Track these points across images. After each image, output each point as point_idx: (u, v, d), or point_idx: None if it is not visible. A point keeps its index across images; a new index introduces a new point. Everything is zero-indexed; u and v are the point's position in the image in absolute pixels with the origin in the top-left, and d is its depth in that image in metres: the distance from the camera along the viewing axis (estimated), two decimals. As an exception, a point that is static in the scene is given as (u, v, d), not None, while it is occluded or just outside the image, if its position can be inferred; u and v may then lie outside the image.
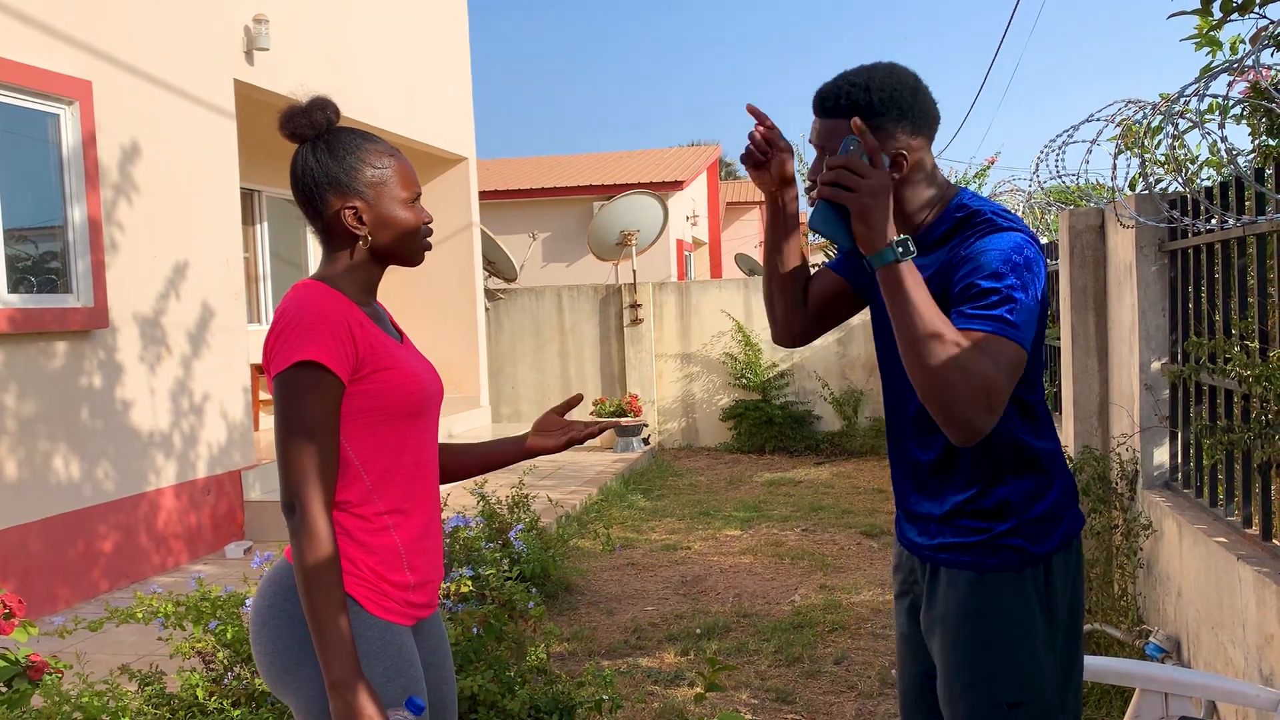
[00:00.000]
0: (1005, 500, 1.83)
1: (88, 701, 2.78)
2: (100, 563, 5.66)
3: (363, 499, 1.77)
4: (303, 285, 1.77)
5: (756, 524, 7.24)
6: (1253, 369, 2.93)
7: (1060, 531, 1.85)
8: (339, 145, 1.80)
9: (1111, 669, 2.36)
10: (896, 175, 1.80)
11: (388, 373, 1.77)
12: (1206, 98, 3.22)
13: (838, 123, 1.80)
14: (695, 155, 20.47)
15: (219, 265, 6.78)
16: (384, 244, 1.81)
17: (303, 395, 1.67)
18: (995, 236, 1.73)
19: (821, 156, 1.85)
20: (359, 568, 1.76)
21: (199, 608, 3.14)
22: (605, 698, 3.30)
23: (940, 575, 1.89)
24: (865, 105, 1.78)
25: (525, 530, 5.26)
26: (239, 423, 6.91)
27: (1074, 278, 4.65)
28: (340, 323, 1.71)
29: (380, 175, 1.80)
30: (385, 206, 1.80)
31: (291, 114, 1.81)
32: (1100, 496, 4.25)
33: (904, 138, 1.80)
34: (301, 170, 1.80)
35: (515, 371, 11.44)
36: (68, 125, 5.63)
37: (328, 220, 1.80)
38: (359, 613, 1.74)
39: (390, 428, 1.79)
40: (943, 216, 1.84)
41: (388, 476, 1.79)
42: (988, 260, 1.69)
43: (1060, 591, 1.84)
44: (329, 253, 1.84)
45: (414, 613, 1.83)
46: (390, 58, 9.13)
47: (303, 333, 1.68)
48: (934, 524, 1.91)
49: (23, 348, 5.28)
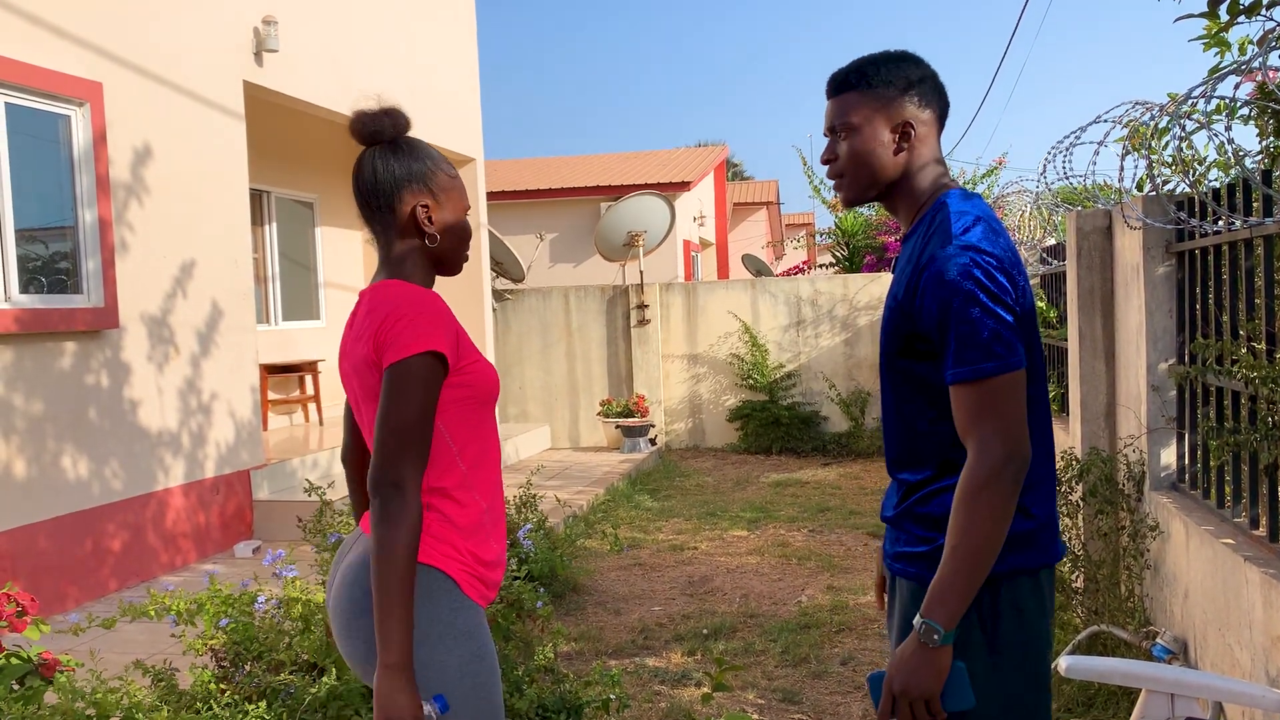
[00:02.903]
0: (948, 507, 1.77)
1: (101, 698, 2.80)
2: (109, 562, 5.69)
3: (459, 484, 1.85)
4: (393, 283, 1.83)
5: (763, 524, 7.25)
6: (1259, 371, 2.94)
7: (1014, 558, 1.75)
8: (416, 148, 1.91)
9: (1117, 670, 2.37)
10: (906, 145, 1.84)
11: (476, 364, 1.86)
12: (1214, 99, 3.22)
13: (847, 96, 1.86)
14: (703, 156, 20.48)
15: (228, 265, 6.80)
16: (443, 247, 1.91)
17: (420, 384, 1.74)
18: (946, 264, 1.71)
19: (833, 139, 1.88)
20: (459, 551, 1.84)
21: (209, 606, 3.16)
22: (612, 697, 3.32)
23: (897, 584, 1.90)
24: (874, 76, 1.84)
25: (533, 530, 5.28)
26: (247, 422, 6.94)
27: (1081, 279, 4.65)
28: (450, 316, 1.81)
29: (451, 182, 1.91)
30: (451, 211, 1.91)
31: (371, 115, 1.90)
32: (1107, 498, 4.25)
33: (912, 109, 1.85)
34: (381, 167, 1.88)
35: (522, 372, 11.46)
36: (78, 126, 5.66)
37: (400, 216, 1.87)
38: (456, 593, 1.83)
39: (480, 415, 1.88)
40: (927, 213, 1.85)
41: (478, 461, 1.88)
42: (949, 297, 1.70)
43: (1006, 619, 1.76)
44: (391, 254, 1.90)
45: (491, 595, 1.92)
46: (399, 59, 9.16)
47: (425, 324, 1.76)
48: (893, 529, 1.91)
49: (33, 347, 5.32)
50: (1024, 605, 1.78)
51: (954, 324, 1.70)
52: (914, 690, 1.67)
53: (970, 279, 1.69)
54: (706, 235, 21.30)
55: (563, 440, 11.36)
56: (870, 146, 1.84)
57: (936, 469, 1.82)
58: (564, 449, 11.18)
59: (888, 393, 1.90)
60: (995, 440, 1.66)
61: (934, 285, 1.72)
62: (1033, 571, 1.79)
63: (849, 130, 1.85)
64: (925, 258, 1.76)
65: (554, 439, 11.34)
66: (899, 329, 1.81)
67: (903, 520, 1.87)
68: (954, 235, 1.74)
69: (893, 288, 1.87)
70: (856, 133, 1.85)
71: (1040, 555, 1.80)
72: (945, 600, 1.65)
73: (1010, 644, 1.77)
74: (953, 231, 1.74)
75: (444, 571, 1.81)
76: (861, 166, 1.86)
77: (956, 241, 1.73)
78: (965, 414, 1.70)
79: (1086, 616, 4.19)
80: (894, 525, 1.90)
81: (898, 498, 1.91)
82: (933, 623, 1.66)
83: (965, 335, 1.69)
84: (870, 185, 1.88)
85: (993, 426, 1.67)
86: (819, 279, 10.97)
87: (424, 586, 1.80)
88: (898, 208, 1.92)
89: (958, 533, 1.66)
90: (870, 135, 1.84)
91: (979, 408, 1.68)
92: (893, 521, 1.91)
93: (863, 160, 1.85)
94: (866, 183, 1.88)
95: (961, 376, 1.70)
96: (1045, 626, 1.82)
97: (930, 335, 1.75)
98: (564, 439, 11.36)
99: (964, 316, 1.69)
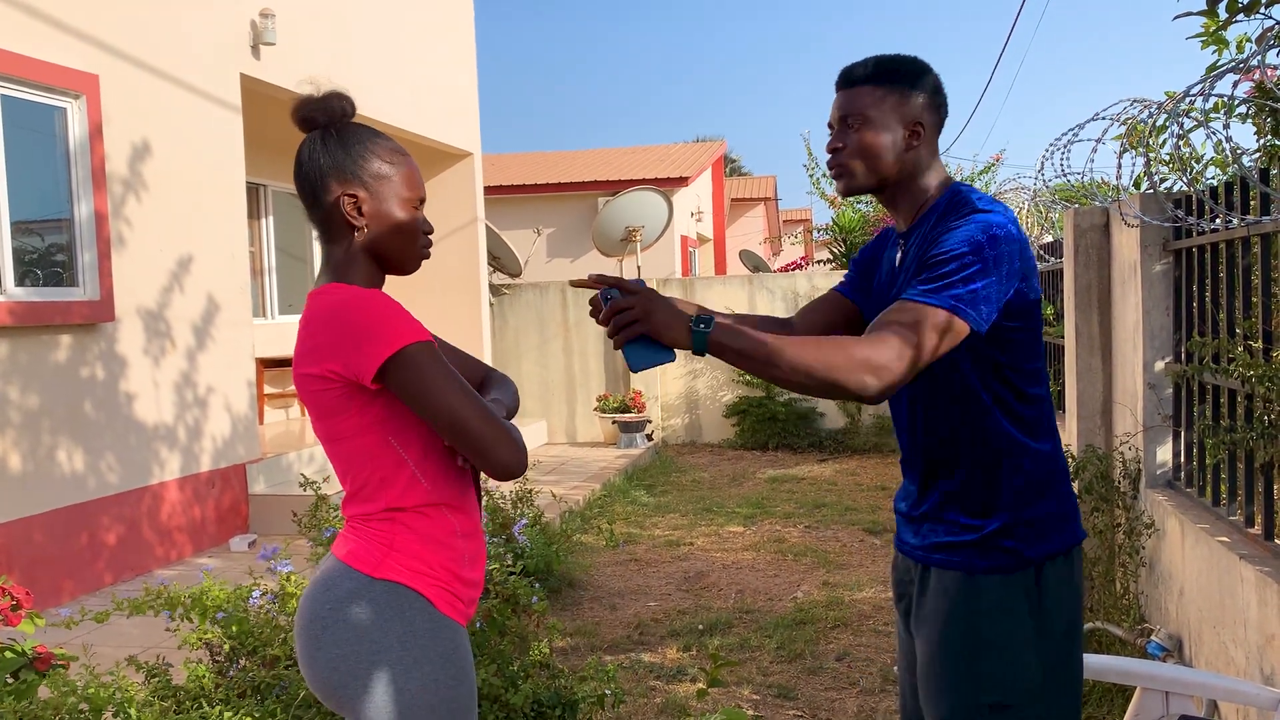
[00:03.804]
0: (994, 496, 1.83)
1: (94, 692, 2.80)
2: (104, 555, 5.68)
3: (424, 499, 1.75)
4: (333, 288, 1.73)
5: (759, 520, 7.25)
6: (1256, 369, 2.94)
7: (1056, 537, 1.84)
8: (349, 135, 1.78)
9: (1113, 667, 2.37)
10: (914, 144, 1.88)
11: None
12: (1212, 97, 3.22)
13: (864, 89, 1.88)
14: (700, 151, 20.45)
15: (224, 259, 6.79)
16: (380, 240, 1.78)
17: (429, 364, 1.65)
18: (970, 218, 1.77)
19: (844, 127, 1.90)
20: (431, 567, 1.74)
21: (203, 601, 3.16)
22: (608, 692, 3.31)
23: (931, 575, 1.90)
24: (892, 74, 1.88)
25: (529, 525, 5.28)
26: (243, 416, 6.93)
27: (1078, 276, 4.65)
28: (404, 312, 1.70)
29: (385, 170, 1.77)
30: (386, 201, 1.77)
31: (307, 101, 1.79)
32: (1103, 495, 4.26)
33: (923, 111, 1.88)
34: (307, 156, 1.78)
35: (519, 367, 11.46)
36: (75, 119, 5.65)
37: (326, 208, 1.77)
38: (432, 613, 1.73)
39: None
40: (939, 201, 1.90)
41: (442, 474, 1.77)
42: (950, 238, 1.75)
43: (1054, 600, 1.82)
44: (328, 249, 1.81)
45: (470, 611, 1.84)
46: (396, 53, 9.14)
47: (388, 329, 1.65)
48: (926, 522, 1.92)
49: (28, 341, 5.30)
50: (1069, 584, 1.85)
51: (947, 255, 1.72)
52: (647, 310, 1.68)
53: (985, 232, 1.73)
54: (704, 231, 21.27)
55: (559, 435, 11.36)
56: (883, 139, 1.87)
57: (971, 463, 1.85)
58: (561, 444, 11.18)
59: (905, 390, 1.91)
60: (899, 363, 1.66)
61: (948, 230, 1.77)
62: (1070, 549, 1.87)
63: (863, 121, 1.88)
64: (947, 222, 1.80)
65: (551, 434, 11.33)
66: None
67: (941, 510, 1.89)
68: (976, 207, 1.80)
69: (903, 281, 1.89)
70: (870, 125, 1.87)
71: (1074, 533, 1.88)
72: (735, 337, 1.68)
73: (1059, 623, 1.83)
74: (975, 204, 1.81)
75: (417, 590, 1.72)
76: (871, 158, 1.88)
77: (979, 212, 1.78)
78: (898, 323, 1.69)
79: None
80: (927, 520, 1.91)
81: (931, 493, 1.92)
82: (715, 324, 1.69)
83: (950, 271, 1.71)
84: (874, 176, 1.90)
85: (911, 353, 1.67)
86: (816, 275, 10.97)
87: (396, 606, 1.71)
88: (899, 204, 1.94)
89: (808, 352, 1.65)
90: (884, 129, 1.87)
91: (912, 327, 1.68)
92: (926, 516, 1.91)
93: (874, 152, 1.88)
94: (872, 174, 1.90)
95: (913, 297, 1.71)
96: (1081, 598, 1.90)
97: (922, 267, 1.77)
98: (561, 434, 11.36)
99: (958, 255, 1.71)
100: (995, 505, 1.83)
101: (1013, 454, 1.84)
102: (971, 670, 1.81)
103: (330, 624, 1.71)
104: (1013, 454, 1.84)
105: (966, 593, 1.83)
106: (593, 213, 15.23)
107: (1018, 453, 1.84)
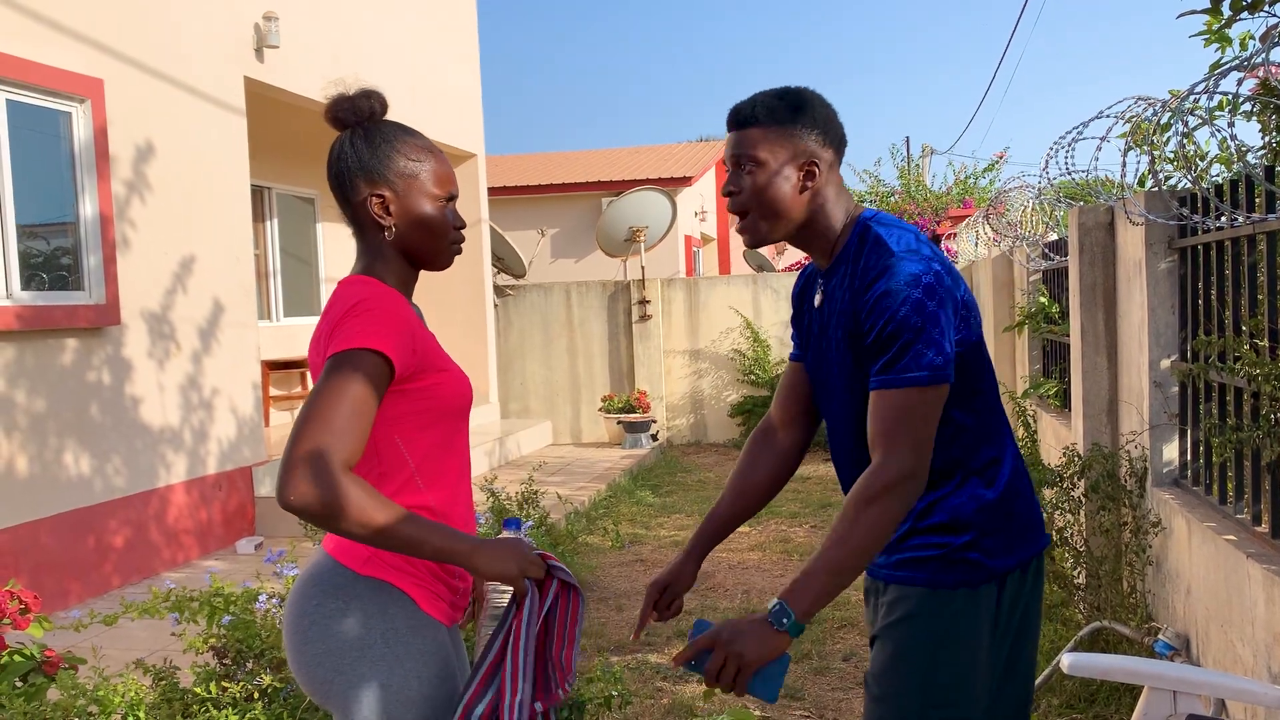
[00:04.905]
0: (958, 513, 1.82)
1: (103, 695, 2.81)
2: (111, 558, 5.70)
3: (416, 500, 1.75)
4: (358, 280, 1.75)
5: (765, 520, 7.25)
6: (1262, 367, 2.93)
7: (1022, 546, 1.85)
8: (377, 134, 1.79)
9: (1119, 667, 2.37)
10: (810, 185, 1.82)
11: (442, 374, 1.77)
12: (1216, 95, 3.21)
13: (750, 131, 1.82)
14: (704, 151, 20.45)
15: (229, 262, 6.80)
16: (409, 239, 1.79)
17: (356, 374, 1.61)
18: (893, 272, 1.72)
19: (737, 169, 1.85)
20: (415, 565, 1.75)
21: (212, 603, 3.16)
22: (614, 694, 3.31)
23: (892, 589, 1.89)
24: (779, 112, 1.81)
25: (535, 526, 5.28)
26: (249, 418, 6.94)
27: (1083, 275, 4.64)
28: (407, 322, 1.70)
29: (413, 168, 1.78)
30: (414, 200, 1.78)
31: (338, 101, 1.80)
32: (1109, 494, 4.25)
33: (816, 147, 1.82)
34: (337, 156, 1.79)
35: (524, 367, 11.46)
36: (79, 123, 5.66)
37: (355, 208, 1.79)
38: (415, 611, 1.74)
39: (440, 428, 1.78)
40: (850, 240, 1.85)
41: (440, 476, 1.79)
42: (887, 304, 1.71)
43: (1010, 610, 1.83)
44: (362, 246, 1.83)
45: (455, 614, 1.84)
46: (399, 54, 9.15)
47: (374, 322, 1.65)
48: (890, 546, 1.89)
49: (34, 344, 5.32)
50: (1024, 595, 1.86)
51: (896, 329, 1.70)
52: (738, 652, 1.66)
53: (918, 286, 1.70)
54: (708, 230, 21.27)
55: (564, 436, 11.37)
56: (776, 183, 1.80)
57: (930, 486, 1.83)
58: (566, 445, 11.18)
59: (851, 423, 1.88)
60: (910, 454, 1.67)
61: (880, 296, 1.72)
62: (1031, 561, 1.88)
63: (755, 164, 1.81)
64: (867, 277, 1.77)
65: (556, 435, 11.34)
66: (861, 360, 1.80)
67: (908, 537, 1.87)
68: (892, 249, 1.76)
69: (833, 328, 1.85)
70: (762, 168, 1.81)
71: (1036, 543, 1.89)
72: (807, 591, 1.65)
73: (1010, 632, 1.85)
74: (890, 245, 1.76)
75: (399, 588, 1.73)
76: (767, 203, 1.82)
77: (898, 252, 1.75)
78: (885, 420, 1.70)
79: (1089, 613, 4.19)
80: (897, 545, 1.88)
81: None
82: (788, 607, 1.65)
83: (906, 343, 1.69)
84: (777, 223, 1.84)
85: (912, 439, 1.68)
86: (821, 274, 10.94)
87: (380, 603, 1.72)
88: (812, 247, 1.90)
89: (843, 531, 1.66)
90: (776, 171, 1.81)
91: (902, 416, 1.69)
92: (897, 542, 1.88)
93: (768, 197, 1.81)
94: (773, 221, 1.84)
95: (890, 383, 1.70)
96: (1038, 609, 1.92)
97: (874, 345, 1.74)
98: (566, 435, 11.36)
99: (907, 323, 1.69)
100: (959, 522, 1.82)
101: (973, 470, 1.83)
102: (927, 681, 1.81)
103: (316, 619, 1.72)
104: (973, 470, 1.83)
105: (930, 606, 1.82)
106: (597, 213, 15.23)
107: (978, 467, 1.83)
